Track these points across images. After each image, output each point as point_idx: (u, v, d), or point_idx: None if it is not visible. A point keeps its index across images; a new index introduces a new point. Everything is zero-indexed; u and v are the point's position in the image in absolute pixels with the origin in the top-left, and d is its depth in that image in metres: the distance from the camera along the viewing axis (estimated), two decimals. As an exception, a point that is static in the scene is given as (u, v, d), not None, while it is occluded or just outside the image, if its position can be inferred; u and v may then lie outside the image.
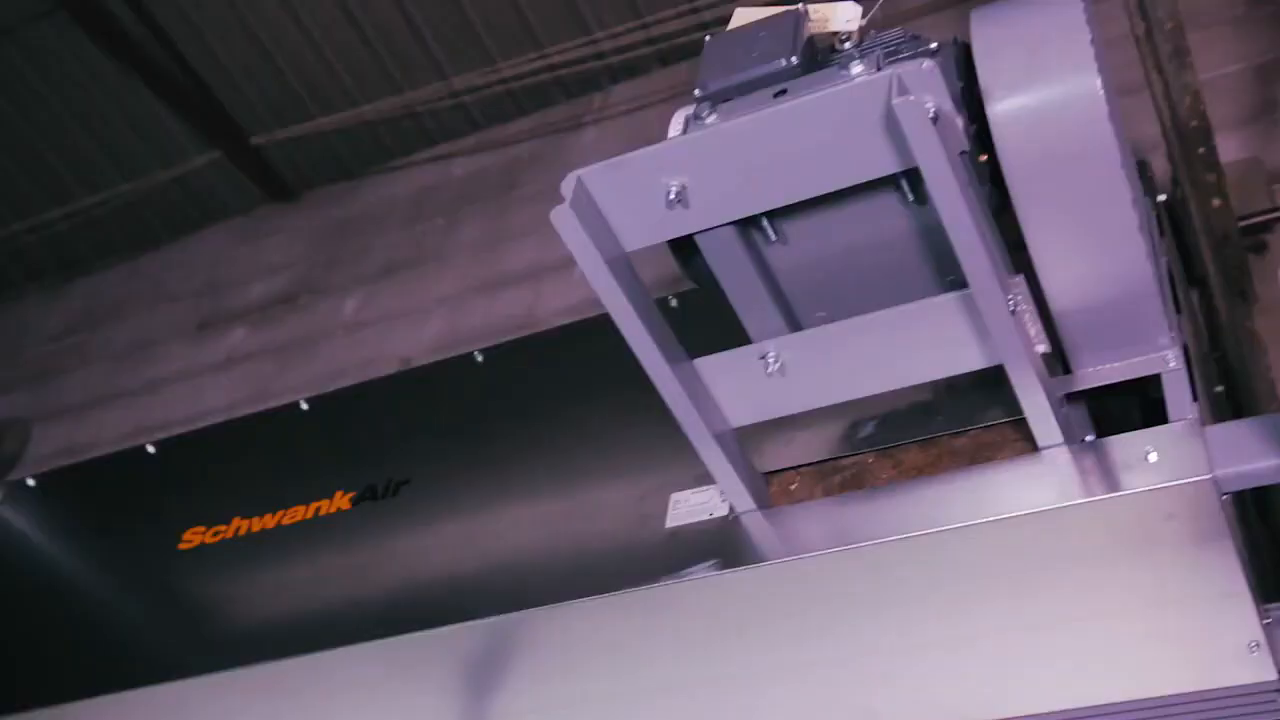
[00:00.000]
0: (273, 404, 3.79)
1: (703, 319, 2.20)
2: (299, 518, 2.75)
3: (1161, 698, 2.03)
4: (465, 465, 2.64)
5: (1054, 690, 2.10)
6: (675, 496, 2.31)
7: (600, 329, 2.66)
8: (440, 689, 2.51)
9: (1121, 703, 2.11)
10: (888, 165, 1.76)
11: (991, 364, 1.92)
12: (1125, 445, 1.94)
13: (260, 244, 5.24)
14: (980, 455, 2.09)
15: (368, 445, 2.87)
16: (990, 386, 2.04)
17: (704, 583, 2.17)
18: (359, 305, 4.60)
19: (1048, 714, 2.14)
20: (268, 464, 3.01)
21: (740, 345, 2.04)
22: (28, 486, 3.40)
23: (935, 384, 2.04)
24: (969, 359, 1.92)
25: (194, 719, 2.67)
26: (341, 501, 2.72)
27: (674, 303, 2.64)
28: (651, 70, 4.87)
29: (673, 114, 2.00)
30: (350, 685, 2.60)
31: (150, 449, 3.19)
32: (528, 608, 2.30)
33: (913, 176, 1.79)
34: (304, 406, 3.06)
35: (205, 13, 4.77)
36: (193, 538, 2.86)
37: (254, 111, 5.06)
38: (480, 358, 2.88)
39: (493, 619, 2.35)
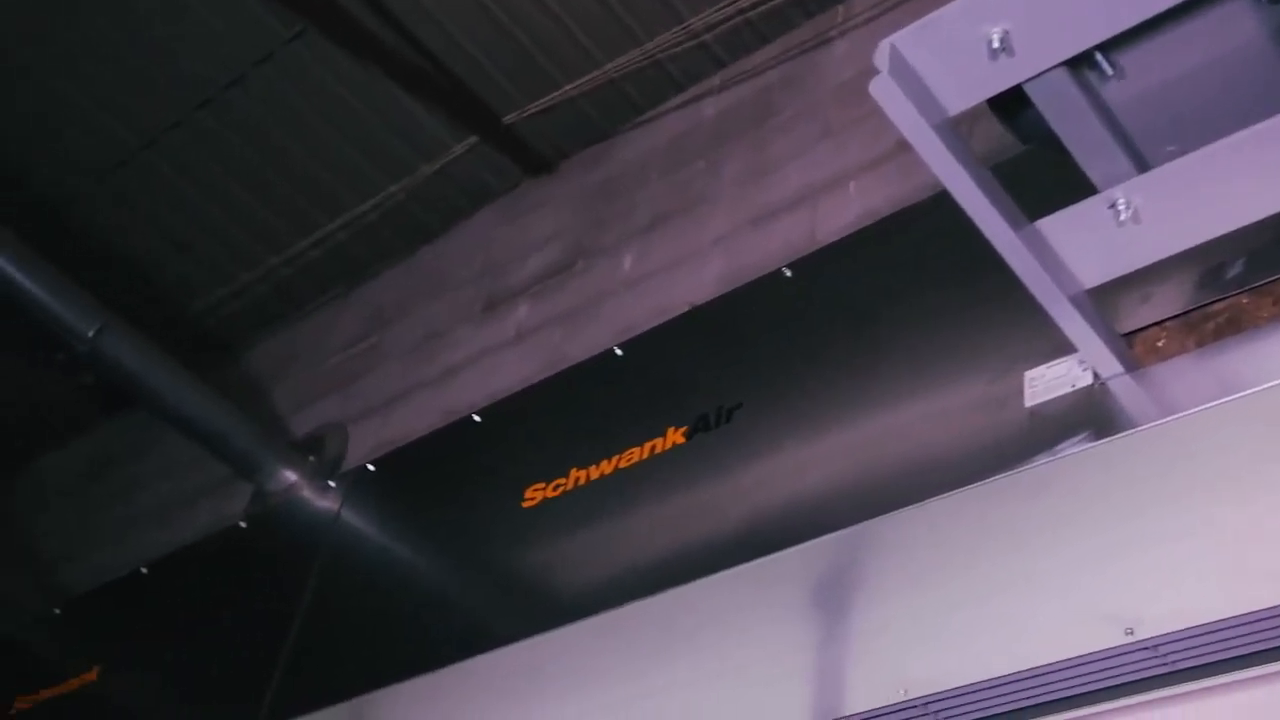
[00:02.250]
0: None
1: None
2: (635, 459, 2.80)
3: None
4: (797, 379, 2.62)
5: None
6: (1029, 374, 2.23)
7: (904, 223, 2.59)
8: (809, 604, 2.49)
9: None
10: (1240, -41, 1.61)
11: (1385, 165, 1.74)
12: None
13: (528, 219, 5.36)
14: (1379, 272, 1.91)
15: (691, 378, 2.89)
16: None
17: (1080, 456, 2.07)
18: (635, 260, 4.63)
19: None
20: (593, 413, 3.08)
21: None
22: (369, 471, 3.60)
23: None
24: (1359, 163, 1.76)
25: (572, 665, 2.75)
26: (675, 437, 2.75)
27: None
28: (892, -30, 4.71)
29: (922, 11, 1.89)
30: (715, 614, 2.61)
31: (476, 418, 3.31)
32: (890, 510, 2.26)
33: (1268, -31, 1.64)
34: (618, 352, 3.11)
35: (442, 1, 4.89)
36: (534, 495, 2.95)
37: (502, 91, 5.18)
38: (789, 273, 2.85)
39: (855, 527, 2.32)
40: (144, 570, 4.59)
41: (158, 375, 4.90)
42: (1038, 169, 2.13)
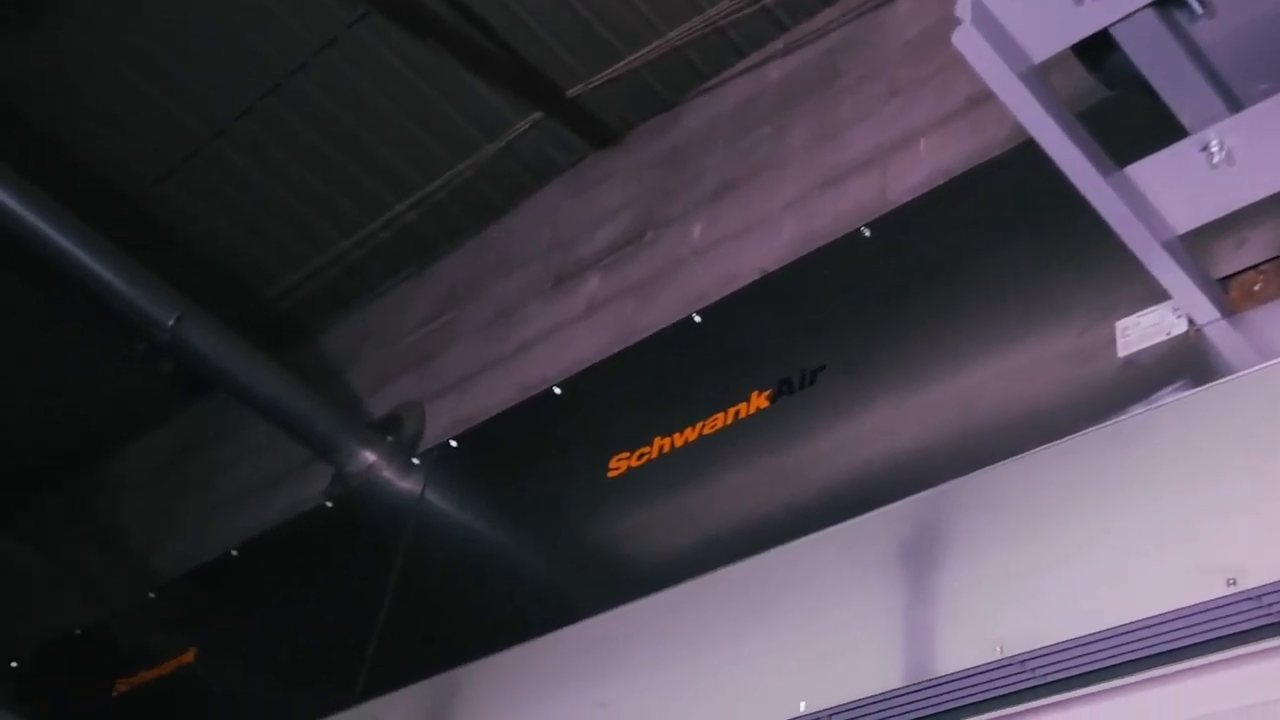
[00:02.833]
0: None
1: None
2: (719, 425, 2.80)
3: None
4: (881, 339, 2.61)
5: None
6: (1121, 324, 2.20)
7: (983, 178, 2.55)
8: (899, 565, 2.48)
9: None
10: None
11: None
12: None
13: (595, 192, 5.37)
14: None
15: (773, 342, 2.88)
16: None
17: (1176, 405, 2.04)
18: (705, 228, 4.62)
19: None
20: (675, 380, 3.08)
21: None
22: (451, 447, 3.63)
23: None
24: None
25: (660, 633, 2.77)
26: (759, 401, 2.75)
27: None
28: (956, -76, 4.63)
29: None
30: (803, 578, 2.61)
31: (557, 390, 3.33)
32: (982, 466, 2.24)
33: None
34: (697, 319, 3.11)
35: (504, -25, 4.91)
36: (619, 464, 2.96)
37: (565, 65, 5.19)
38: (868, 232, 2.83)
39: (945, 485, 2.31)
40: (234, 553, 4.69)
41: (236, 361, 4.97)
42: (1123, 114, 2.10)
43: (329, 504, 4.19)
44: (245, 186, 5.89)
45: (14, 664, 5.63)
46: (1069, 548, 2.35)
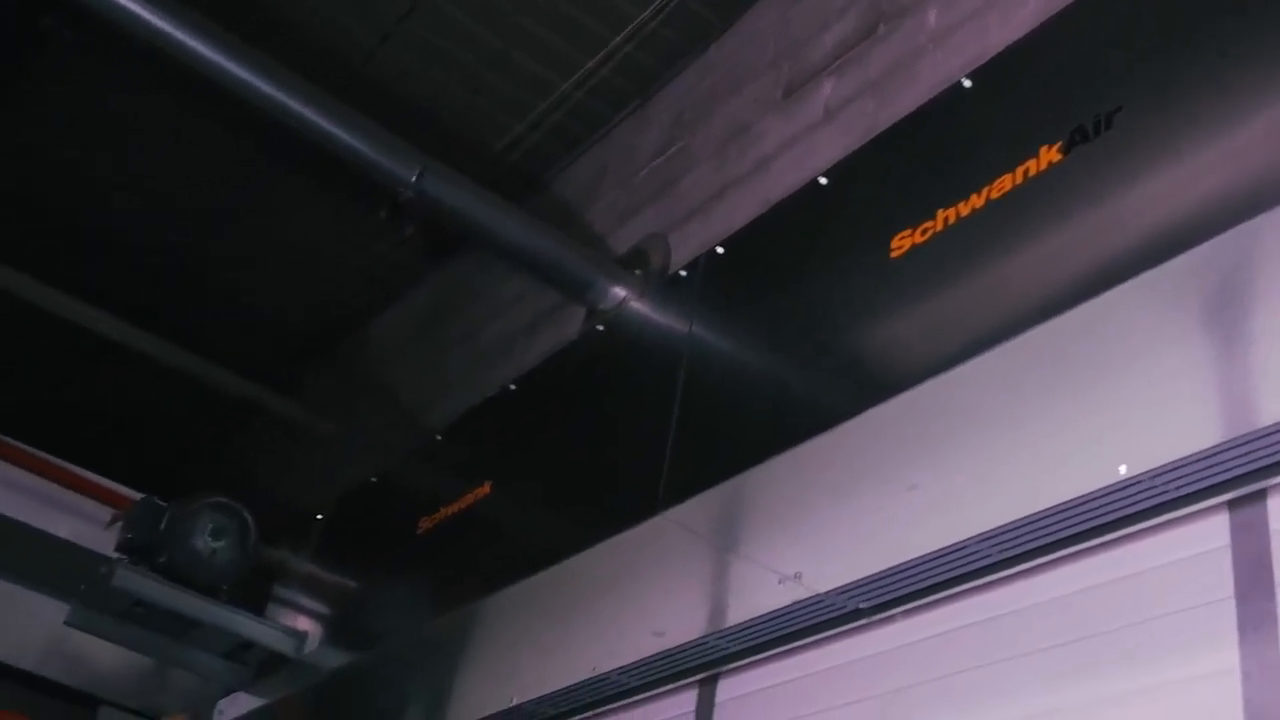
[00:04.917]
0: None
1: None
2: (1007, 188, 2.71)
3: None
4: (1186, 71, 2.44)
5: None
6: None
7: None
8: (1214, 311, 2.37)
9: None
10: None
11: None
12: None
13: (816, -6, 5.20)
14: None
15: (1057, 92, 2.74)
16: None
17: None
18: (940, 12, 4.43)
19: None
20: (951, 150, 2.99)
21: None
22: (718, 255, 3.64)
23: None
24: None
25: (976, 404, 2.74)
26: (1050, 155, 2.64)
27: None
28: None
29: None
30: (1114, 334, 2.54)
31: (822, 180, 3.28)
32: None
33: None
34: (967, 84, 3.00)
35: None
36: (902, 243, 2.91)
37: None
38: (1153, -41, 2.65)
39: (1264, 215, 2.17)
40: (512, 387, 4.87)
41: (480, 208, 5.10)
42: None
43: (600, 328, 4.28)
44: (460, 40, 5.97)
45: (319, 516, 6.05)
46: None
